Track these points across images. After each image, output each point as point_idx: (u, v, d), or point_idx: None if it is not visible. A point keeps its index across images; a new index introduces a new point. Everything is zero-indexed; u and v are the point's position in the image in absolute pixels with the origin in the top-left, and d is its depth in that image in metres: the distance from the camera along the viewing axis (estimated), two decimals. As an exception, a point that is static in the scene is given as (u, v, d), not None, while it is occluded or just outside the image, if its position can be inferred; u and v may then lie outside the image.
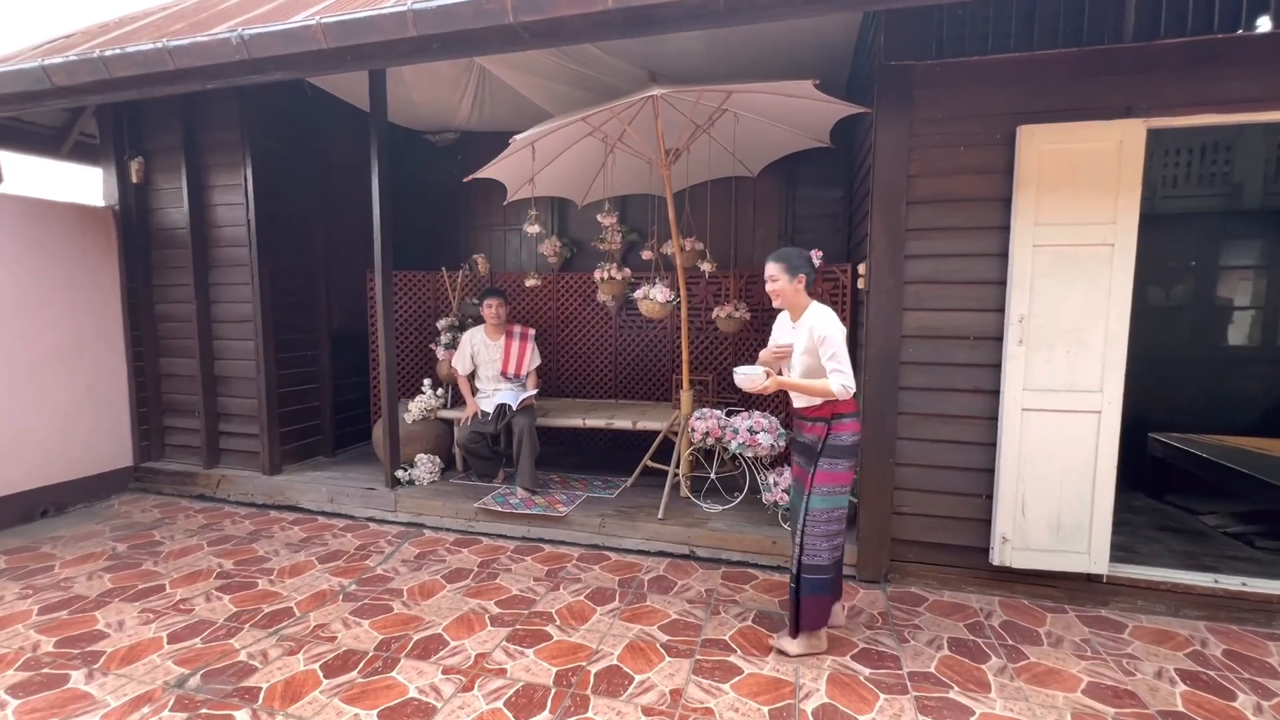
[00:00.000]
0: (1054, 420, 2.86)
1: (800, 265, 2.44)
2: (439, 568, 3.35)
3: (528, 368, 4.43)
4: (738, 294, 4.77)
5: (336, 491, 4.23)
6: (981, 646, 2.61)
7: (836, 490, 2.44)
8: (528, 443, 3.97)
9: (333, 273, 5.03)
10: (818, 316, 2.41)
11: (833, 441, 2.42)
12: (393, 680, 2.34)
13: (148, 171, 4.60)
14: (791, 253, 2.47)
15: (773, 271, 2.45)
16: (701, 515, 3.71)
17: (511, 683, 2.33)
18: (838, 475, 2.43)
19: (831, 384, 2.35)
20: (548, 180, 4.30)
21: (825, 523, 2.44)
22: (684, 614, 2.85)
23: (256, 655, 2.50)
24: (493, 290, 4.44)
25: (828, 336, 2.35)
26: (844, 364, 2.34)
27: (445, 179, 5.54)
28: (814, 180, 4.92)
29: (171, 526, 3.95)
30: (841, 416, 2.43)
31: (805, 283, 2.44)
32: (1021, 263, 2.83)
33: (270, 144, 4.45)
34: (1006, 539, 2.94)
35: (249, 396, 4.52)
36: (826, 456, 2.42)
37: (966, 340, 2.98)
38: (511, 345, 4.39)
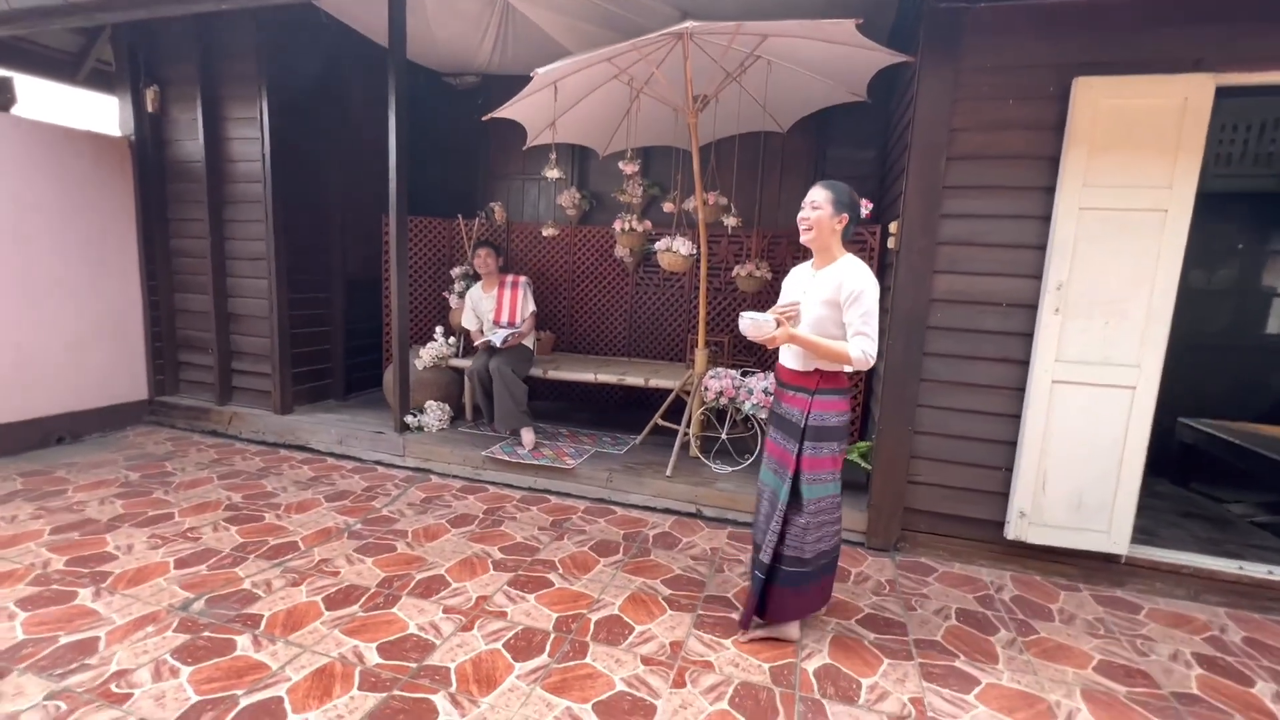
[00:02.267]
0: (1085, 394, 2.75)
1: (848, 204, 2.15)
2: (444, 512, 3.36)
3: (521, 314, 4.38)
4: (760, 253, 4.64)
5: (346, 434, 4.24)
6: (990, 619, 2.56)
7: (822, 478, 2.17)
8: (502, 383, 3.94)
9: (348, 215, 4.97)
10: (852, 268, 2.11)
11: (814, 421, 2.15)
12: (393, 616, 2.35)
13: (163, 101, 4.52)
14: (842, 186, 2.17)
15: (817, 198, 2.15)
16: (710, 475, 3.68)
17: (511, 625, 2.33)
18: (821, 461, 2.16)
19: (851, 348, 2.05)
20: (569, 126, 4.16)
21: (813, 514, 2.17)
22: (688, 570, 2.84)
23: (260, 585, 2.53)
24: (482, 241, 4.45)
25: (862, 292, 2.04)
26: (872, 328, 2.04)
27: (465, 125, 5.40)
28: (846, 139, 4.72)
29: (183, 459, 4.00)
30: (828, 392, 2.15)
31: (845, 227, 2.17)
32: (1065, 226, 2.69)
33: (287, 78, 4.35)
34: (1024, 514, 2.87)
35: (262, 335, 4.52)
36: (809, 439, 2.15)
37: (999, 307, 2.86)
38: (504, 294, 4.37)
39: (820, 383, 2.18)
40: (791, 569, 2.21)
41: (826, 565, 2.29)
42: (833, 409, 2.18)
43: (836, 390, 2.19)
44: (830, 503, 2.21)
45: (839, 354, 2.09)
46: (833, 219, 2.16)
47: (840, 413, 2.19)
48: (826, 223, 2.16)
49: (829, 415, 2.17)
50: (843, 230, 2.17)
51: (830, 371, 2.18)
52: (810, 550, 2.20)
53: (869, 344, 2.06)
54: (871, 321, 2.06)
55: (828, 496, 2.20)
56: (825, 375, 2.18)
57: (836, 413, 2.18)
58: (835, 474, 2.21)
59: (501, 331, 4.22)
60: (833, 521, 2.25)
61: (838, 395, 2.19)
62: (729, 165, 4.46)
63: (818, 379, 2.18)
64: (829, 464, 2.18)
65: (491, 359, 4.06)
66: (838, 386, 2.19)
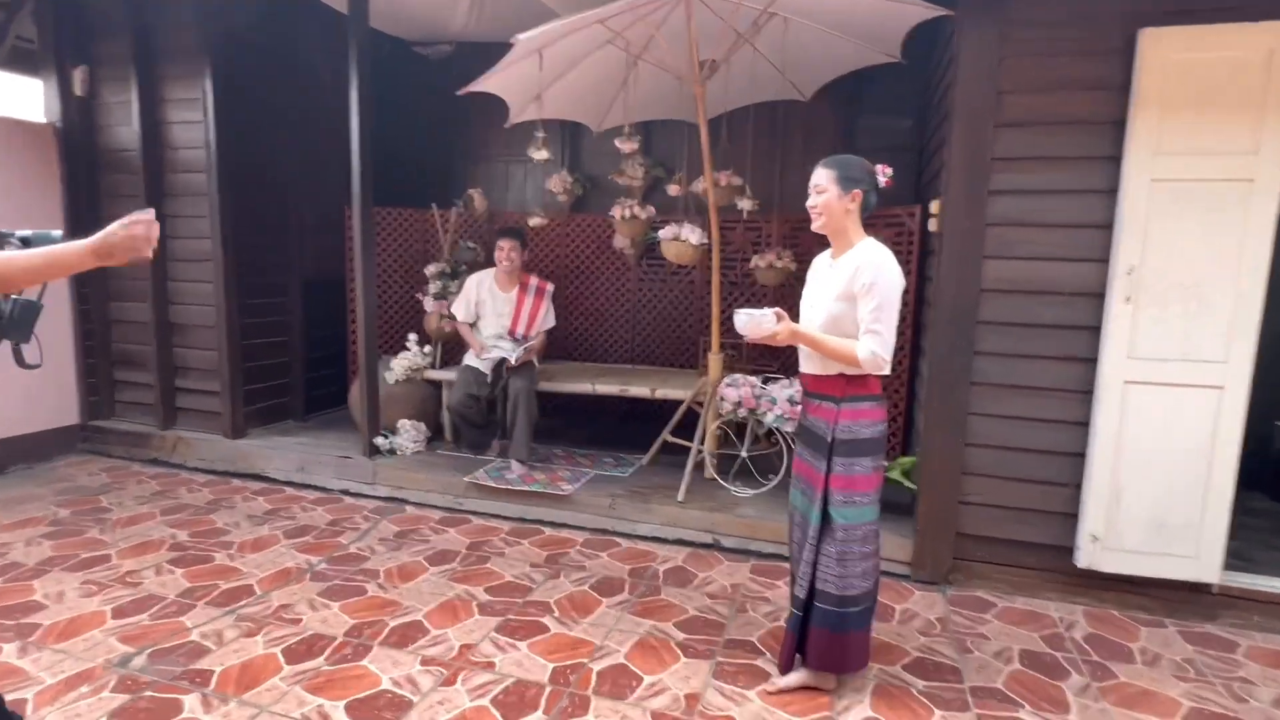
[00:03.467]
0: (1163, 396, 2.74)
1: (858, 178, 2.13)
2: (421, 548, 3.36)
3: (539, 329, 4.38)
4: (781, 240, 4.64)
5: (307, 459, 4.26)
6: (1060, 662, 2.54)
7: (856, 499, 2.14)
8: (524, 407, 3.95)
9: (307, 207, 5.01)
10: (869, 254, 2.09)
11: (843, 434, 2.13)
12: (364, 670, 2.36)
13: (93, 83, 4.58)
14: (849, 161, 2.17)
15: (819, 179, 2.16)
16: (729, 499, 3.67)
17: (500, 678, 2.33)
18: (854, 480, 2.13)
19: (859, 348, 2.04)
20: (558, 99, 4.19)
21: (844, 542, 2.15)
22: (705, 610, 2.83)
23: (210, 635, 2.53)
24: (509, 230, 4.35)
25: (875, 283, 2.03)
26: (886, 326, 2.03)
27: (439, 101, 5.44)
28: (879, 106, 4.74)
29: (121, 492, 4.02)
30: (858, 399, 2.13)
31: (861, 205, 2.14)
32: (1134, 201, 2.68)
33: (234, 52, 4.40)
34: (1096, 537, 2.85)
35: (209, 348, 4.55)
36: (839, 455, 2.14)
37: (1060, 296, 2.86)
38: (525, 300, 4.32)
39: (847, 388, 2.15)
40: (828, 607, 2.19)
41: (869, 610, 2.24)
42: (864, 418, 2.15)
43: (867, 397, 2.16)
44: (868, 530, 2.18)
45: (845, 354, 2.09)
46: (842, 199, 2.14)
47: (872, 423, 2.16)
48: (835, 205, 2.15)
49: (859, 426, 2.15)
50: (859, 208, 2.16)
51: (857, 375, 2.14)
52: (849, 586, 2.17)
53: (878, 343, 2.04)
54: (885, 317, 2.04)
55: (864, 523, 2.17)
56: (852, 379, 2.15)
57: (868, 423, 2.15)
58: (871, 495, 2.17)
59: (514, 346, 4.20)
60: (872, 554, 2.21)
61: (869, 402, 2.16)
62: (743, 140, 4.47)
63: (843, 384, 2.15)
64: (863, 483, 2.15)
65: (511, 379, 4.04)
66: (868, 392, 2.16)
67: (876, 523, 2.21)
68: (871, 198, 2.17)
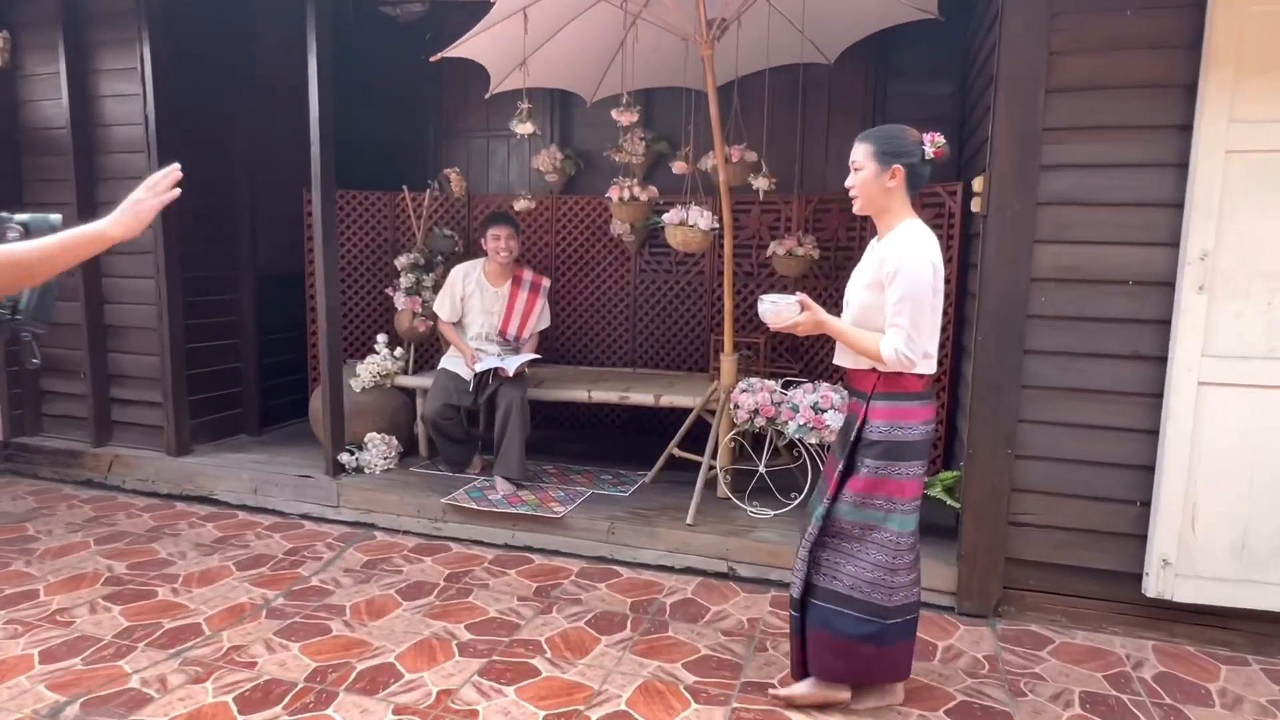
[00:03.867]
0: (1244, 399, 2.74)
1: (899, 151, 2.17)
2: (393, 580, 3.37)
3: (533, 330, 4.39)
4: (803, 224, 4.64)
5: (262, 479, 4.27)
6: (1128, 705, 2.54)
7: (876, 502, 2.24)
8: (517, 420, 3.95)
9: (260, 191, 5.03)
10: (899, 238, 2.17)
11: (872, 434, 2.21)
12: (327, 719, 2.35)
13: (15, 51, 4.61)
14: (887, 132, 2.23)
15: (857, 156, 2.23)
16: (745, 521, 3.67)
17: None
18: (874, 484, 2.23)
19: (883, 345, 2.13)
20: (545, 65, 4.20)
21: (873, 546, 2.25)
22: (718, 649, 2.83)
23: (153, 682, 2.54)
24: (501, 216, 4.37)
25: (898, 272, 2.11)
26: (910, 319, 2.10)
27: (409, 69, 5.47)
28: (914, 70, 4.74)
29: (50, 519, 4.03)
30: (891, 397, 2.20)
31: (903, 181, 2.18)
32: (1207, 176, 2.68)
33: (176, 15, 4.42)
34: (1168, 562, 2.84)
35: (149, 353, 4.57)
36: (866, 455, 2.23)
37: (1123, 285, 2.86)
38: (518, 297, 4.34)
39: (879, 384, 2.21)
40: (823, 604, 2.31)
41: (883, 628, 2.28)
42: (898, 419, 2.20)
43: (904, 395, 2.20)
44: (895, 539, 2.24)
45: (869, 350, 2.17)
46: (880, 175, 2.19)
47: (907, 424, 2.20)
48: (873, 183, 2.20)
49: (892, 427, 2.20)
50: (904, 184, 2.20)
51: (891, 370, 2.19)
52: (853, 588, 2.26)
53: (901, 339, 2.11)
54: (907, 309, 2.11)
55: (883, 528, 2.24)
56: (886, 375, 2.20)
57: (902, 424, 2.20)
58: (896, 504, 2.23)
59: (500, 355, 4.20)
60: (894, 568, 2.25)
61: (908, 401, 2.20)
62: (757, 110, 4.47)
63: (875, 379, 2.22)
64: (887, 489, 2.22)
65: (502, 388, 4.05)
66: (905, 390, 2.20)
67: (906, 535, 2.27)
68: (920, 171, 2.21)
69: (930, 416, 2.26)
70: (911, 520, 2.26)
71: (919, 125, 5.10)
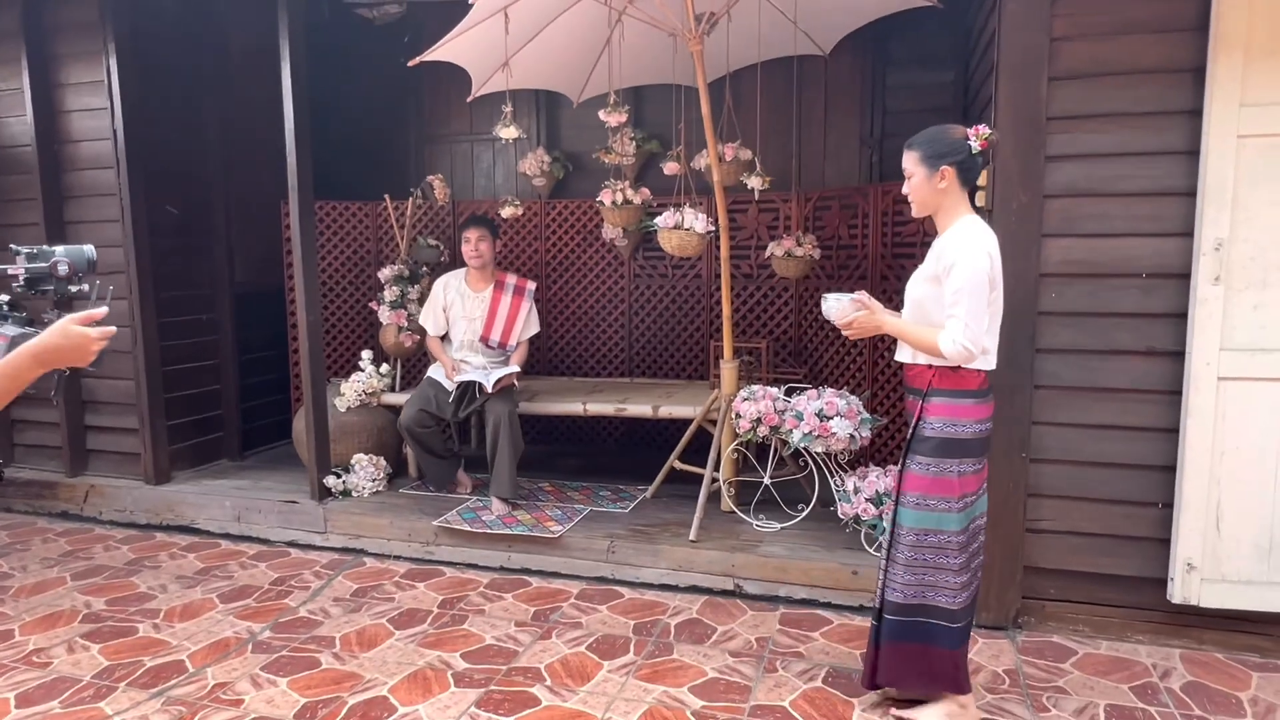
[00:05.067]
0: (1267, 394, 2.75)
1: (945, 152, 2.28)
2: (384, 608, 3.37)
3: (519, 336, 4.39)
4: (802, 223, 4.66)
5: (245, 506, 4.27)
6: (1155, 717, 2.54)
7: (930, 504, 2.33)
8: (507, 437, 3.96)
9: (235, 204, 5.05)
10: (957, 234, 2.28)
11: (927, 431, 2.32)
12: (318, 758, 2.36)
13: (-24, 67, 4.62)
14: (930, 135, 2.34)
15: (906, 164, 2.36)
16: (751, 535, 3.67)
17: (482, 763, 2.33)
18: (928, 482, 2.32)
19: (941, 338, 2.22)
20: (529, 66, 4.22)
21: (924, 549, 2.35)
22: (725, 671, 2.83)
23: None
24: (475, 219, 4.40)
25: (954, 264, 2.21)
26: (967, 312, 2.19)
27: (388, 73, 5.48)
28: (912, 59, 4.76)
29: (24, 554, 4.03)
30: (947, 394, 2.30)
31: (955, 179, 2.29)
32: (1219, 163, 2.70)
33: (143, 25, 4.44)
34: (1193, 566, 2.84)
35: (124, 377, 4.57)
36: (914, 452, 2.35)
37: (1136, 279, 2.87)
38: (501, 301, 4.35)
39: (935, 380, 2.31)
40: (891, 617, 2.40)
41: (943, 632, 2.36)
42: (953, 415, 2.29)
43: (960, 393, 2.29)
44: (944, 539, 2.32)
45: (927, 344, 2.26)
46: (930, 179, 2.31)
47: (962, 421, 2.29)
48: (925, 186, 2.33)
49: (947, 424, 2.29)
50: (955, 182, 2.30)
51: (946, 366, 2.29)
52: (913, 595, 2.35)
53: (959, 330, 2.19)
54: (964, 301, 2.19)
55: (939, 530, 2.32)
56: (941, 371, 2.30)
57: (957, 421, 2.29)
58: (950, 502, 2.31)
59: (486, 368, 4.21)
60: (948, 568, 2.33)
61: (964, 399, 2.29)
62: (751, 106, 4.49)
63: (930, 376, 2.32)
64: (941, 487, 2.30)
65: (489, 403, 4.05)
66: (961, 387, 2.29)
67: (959, 534, 2.33)
68: (971, 165, 2.30)
69: (986, 415, 2.34)
70: (962, 517, 2.32)
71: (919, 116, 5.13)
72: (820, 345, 4.73)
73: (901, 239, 4.24)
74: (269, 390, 5.37)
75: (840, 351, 4.61)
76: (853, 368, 4.54)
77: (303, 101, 4.01)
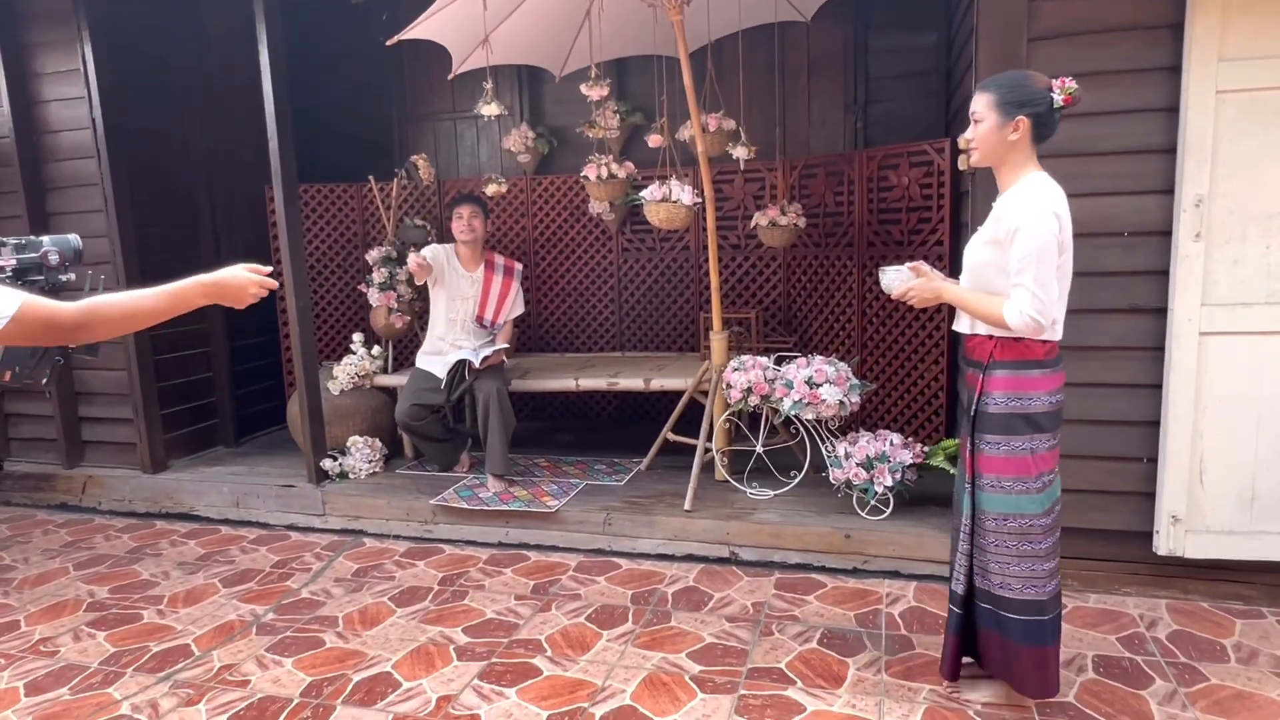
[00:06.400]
0: (1247, 347, 2.78)
1: (1025, 100, 2.09)
2: (385, 587, 3.41)
3: (506, 315, 4.41)
4: (788, 192, 4.65)
5: (244, 491, 4.30)
6: (1141, 666, 2.60)
7: (1006, 485, 2.20)
8: (497, 413, 3.98)
9: (219, 190, 5.02)
10: (1019, 195, 2.12)
11: (989, 406, 2.18)
12: (326, 734, 2.40)
13: (-50, 58, 4.56)
14: (1010, 80, 2.14)
15: (977, 107, 2.16)
16: (745, 504, 3.71)
17: (487, 732, 2.38)
18: (1000, 462, 2.19)
19: (1006, 309, 2.06)
20: (509, 41, 4.18)
21: (1006, 535, 2.22)
22: (723, 636, 2.88)
23: (144, 707, 2.57)
24: (467, 196, 4.37)
25: (1019, 229, 2.05)
26: (1035, 278, 2.03)
27: (368, 53, 5.42)
28: (895, 22, 4.74)
29: (25, 546, 4.06)
30: (1009, 366, 2.15)
31: (1028, 133, 2.11)
32: (1198, 118, 2.70)
33: (118, 11, 4.38)
34: (1177, 518, 2.89)
35: (116, 367, 4.57)
36: (980, 430, 2.21)
37: (1119, 237, 2.88)
38: (493, 281, 4.36)
39: (997, 352, 2.17)
40: (985, 605, 2.31)
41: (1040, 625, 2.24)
42: (1018, 389, 2.15)
43: (1024, 364, 2.15)
44: (1027, 523, 2.21)
45: (992, 315, 2.12)
46: (1003, 128, 2.12)
47: (1028, 395, 2.15)
48: (993, 136, 2.14)
49: (1011, 398, 2.16)
50: (1028, 136, 2.13)
51: (1009, 336, 2.15)
52: (1003, 586, 2.24)
53: (1027, 300, 2.04)
54: (1031, 268, 2.04)
55: (1020, 515, 2.20)
56: (1003, 342, 2.16)
57: (1023, 395, 2.15)
58: (1027, 483, 2.19)
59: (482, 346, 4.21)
60: (1035, 555, 2.22)
61: (1030, 370, 2.15)
62: (733, 74, 4.47)
63: (991, 347, 2.18)
64: (1017, 467, 2.18)
65: (479, 381, 4.06)
66: (1026, 358, 2.15)
67: (1043, 517, 2.22)
68: (1048, 121, 2.13)
69: (1056, 386, 2.19)
70: (1044, 499, 2.21)
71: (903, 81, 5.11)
72: (809, 313, 4.75)
73: (887, 204, 4.25)
74: (262, 376, 5.38)
75: (829, 319, 4.64)
76: (842, 334, 4.56)
77: (282, 84, 3.98)
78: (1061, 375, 2.21)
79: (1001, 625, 2.28)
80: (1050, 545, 2.25)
